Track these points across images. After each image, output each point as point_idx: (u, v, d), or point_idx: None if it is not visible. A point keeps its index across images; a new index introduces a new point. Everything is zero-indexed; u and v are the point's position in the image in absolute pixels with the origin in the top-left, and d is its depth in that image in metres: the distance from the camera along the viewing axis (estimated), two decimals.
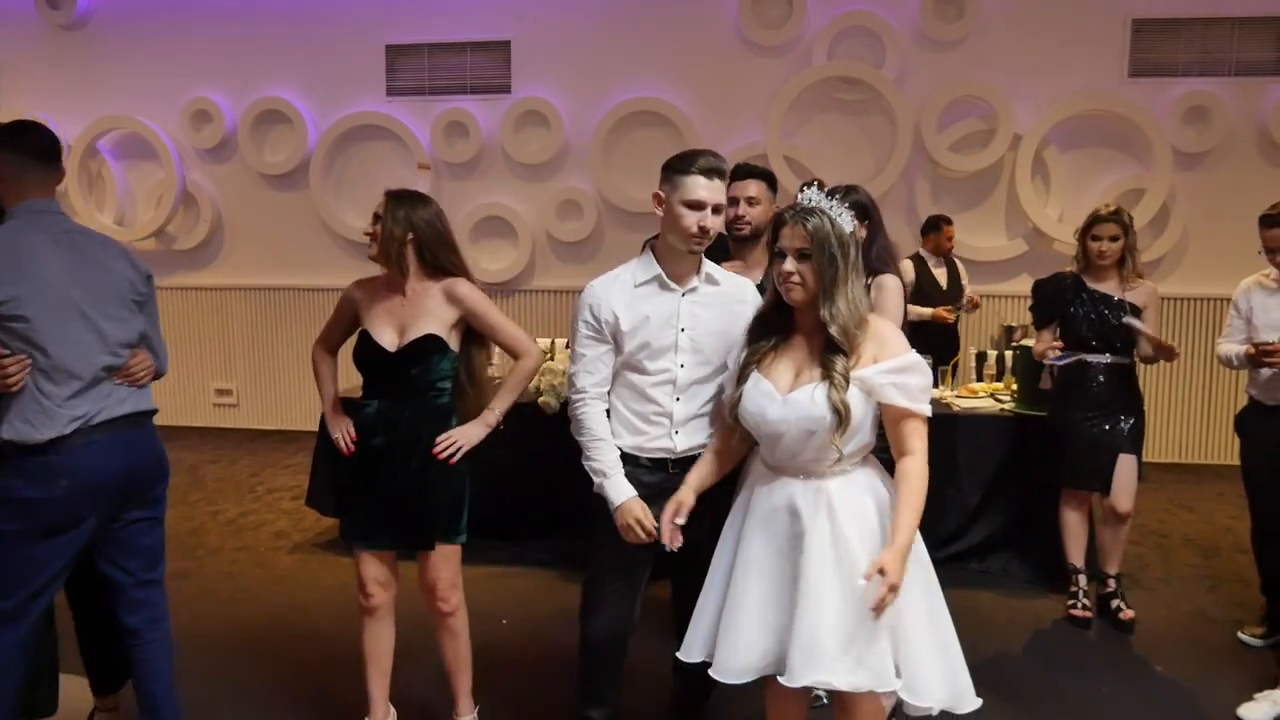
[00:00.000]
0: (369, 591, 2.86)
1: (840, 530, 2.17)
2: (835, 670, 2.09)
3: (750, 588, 2.25)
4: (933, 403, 4.78)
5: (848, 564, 2.14)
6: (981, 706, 3.23)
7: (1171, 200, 6.34)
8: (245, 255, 7.47)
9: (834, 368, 2.16)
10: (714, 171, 2.46)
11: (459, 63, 7.04)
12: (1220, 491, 5.55)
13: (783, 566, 2.22)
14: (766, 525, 2.26)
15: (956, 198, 6.62)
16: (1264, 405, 3.59)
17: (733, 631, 2.24)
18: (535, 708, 3.24)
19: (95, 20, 7.37)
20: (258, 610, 4.10)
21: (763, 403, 2.22)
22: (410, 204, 2.79)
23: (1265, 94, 6.21)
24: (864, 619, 2.09)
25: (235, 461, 6.55)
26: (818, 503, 2.20)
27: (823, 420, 2.15)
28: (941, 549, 4.49)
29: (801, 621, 2.12)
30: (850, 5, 6.50)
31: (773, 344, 2.29)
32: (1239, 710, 3.25)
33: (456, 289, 2.78)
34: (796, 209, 2.21)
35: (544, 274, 7.15)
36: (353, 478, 2.85)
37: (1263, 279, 3.65)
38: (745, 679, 2.23)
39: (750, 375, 2.27)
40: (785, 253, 2.20)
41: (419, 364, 2.75)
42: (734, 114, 6.70)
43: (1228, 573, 4.48)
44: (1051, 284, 4.00)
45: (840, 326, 2.17)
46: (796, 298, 2.22)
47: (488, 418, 2.84)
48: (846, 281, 2.19)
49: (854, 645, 2.10)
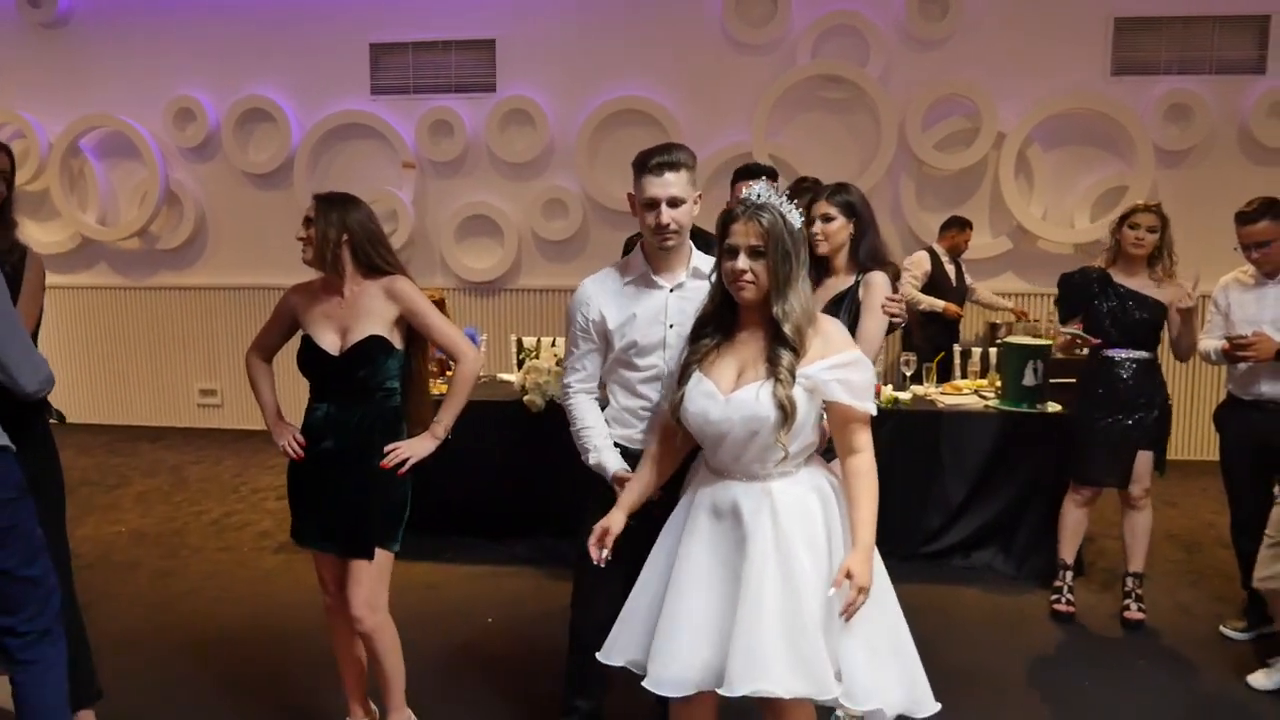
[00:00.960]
0: (330, 590, 2.85)
1: (784, 533, 2.13)
2: (775, 678, 2.03)
3: (691, 596, 2.17)
4: (917, 399, 4.83)
5: (791, 568, 2.10)
6: (964, 701, 3.25)
7: (1154, 197, 6.31)
8: (229, 255, 7.43)
9: (780, 364, 2.12)
10: (661, 167, 2.44)
11: (444, 61, 7.02)
12: (1203, 487, 5.58)
13: (725, 573, 2.16)
14: (709, 530, 2.21)
15: (941, 196, 6.65)
16: (1241, 400, 3.62)
17: (671, 641, 2.15)
18: (520, 705, 3.23)
19: (77, 18, 7.32)
20: (242, 610, 4.08)
21: (704, 404, 2.17)
22: (342, 206, 2.74)
23: (1245, 92, 6.26)
24: (798, 626, 2.06)
25: (219, 462, 6.52)
26: (761, 505, 2.15)
27: (767, 420, 2.10)
28: (925, 545, 4.53)
29: (741, 628, 2.07)
30: (835, 4, 6.51)
31: (716, 343, 2.24)
32: (1248, 678, 3.32)
33: (396, 285, 2.75)
34: (748, 205, 2.15)
35: (529, 273, 7.14)
36: (301, 481, 2.82)
37: (1240, 275, 3.68)
38: (683, 692, 2.15)
39: (692, 375, 2.22)
40: (737, 250, 2.14)
41: (365, 366, 2.71)
42: (719, 113, 6.71)
43: (1209, 567, 4.51)
44: (1078, 277, 3.97)
45: (794, 324, 2.13)
46: (749, 296, 2.16)
47: (436, 430, 2.79)
48: (799, 279, 2.16)
49: (794, 652, 2.05)
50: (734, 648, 2.07)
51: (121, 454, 6.68)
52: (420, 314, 2.76)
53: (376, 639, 2.77)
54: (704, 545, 2.20)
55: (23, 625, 2.34)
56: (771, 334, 2.16)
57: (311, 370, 2.79)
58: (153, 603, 4.12)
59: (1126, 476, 3.88)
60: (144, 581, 4.36)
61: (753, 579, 2.09)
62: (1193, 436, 6.47)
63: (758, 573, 2.10)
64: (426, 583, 4.31)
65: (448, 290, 6.77)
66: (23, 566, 2.32)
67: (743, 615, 2.08)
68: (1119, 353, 3.84)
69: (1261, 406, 3.55)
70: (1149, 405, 3.84)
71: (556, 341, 5.37)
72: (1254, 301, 3.58)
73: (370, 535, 2.73)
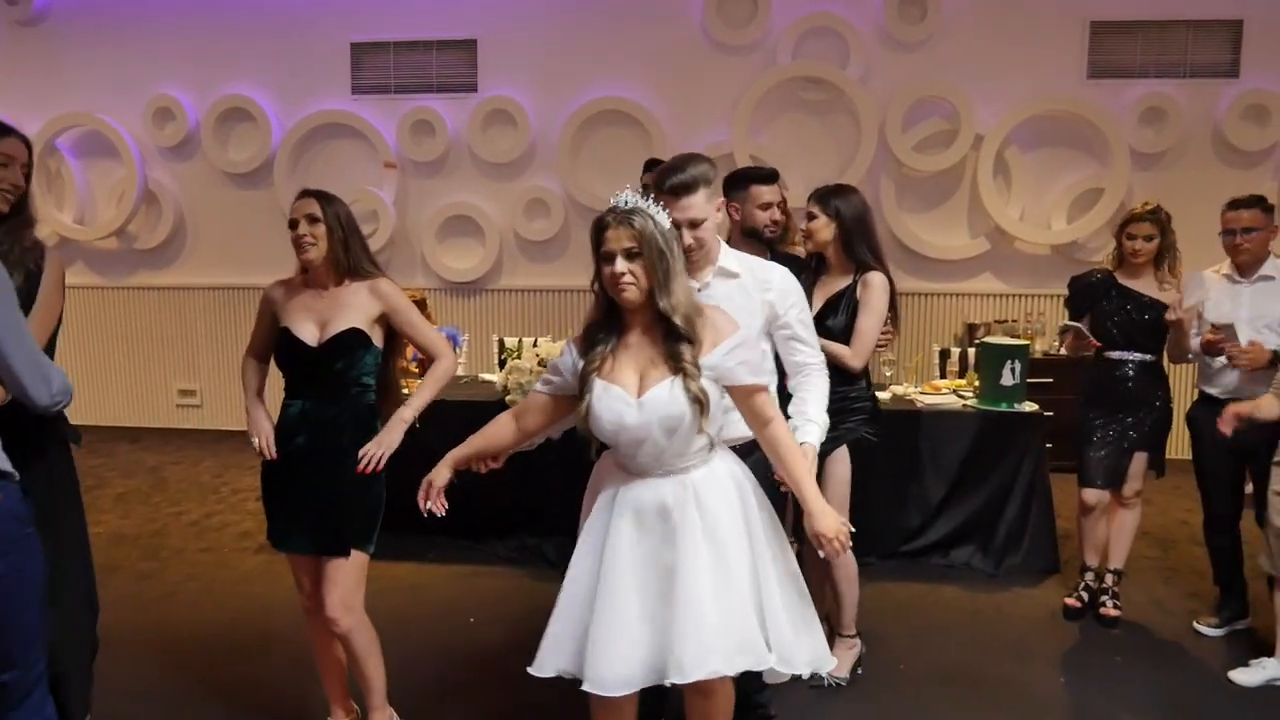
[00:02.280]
0: (307, 591, 2.84)
1: (711, 521, 2.22)
2: (723, 659, 2.15)
3: (624, 597, 2.20)
4: (897, 398, 4.87)
5: (720, 554, 2.21)
6: (941, 699, 3.29)
7: (1130, 199, 6.43)
8: (208, 255, 7.39)
9: (683, 359, 2.18)
10: (677, 190, 2.50)
11: (425, 61, 7.01)
12: (1177, 485, 5.63)
13: (655, 571, 2.22)
14: (634, 530, 2.24)
15: (920, 197, 6.70)
16: (1216, 398, 3.67)
17: (608, 643, 2.19)
18: (504, 705, 3.24)
19: (54, 16, 7.25)
20: (222, 612, 4.07)
21: (618, 409, 2.20)
22: (333, 200, 2.77)
23: (1219, 95, 6.34)
24: (733, 610, 2.18)
25: (199, 463, 6.48)
26: (685, 498, 2.23)
27: (684, 416, 2.17)
28: (904, 544, 4.57)
29: (684, 618, 2.15)
30: (814, 6, 6.55)
31: (610, 348, 2.27)
32: (1231, 674, 3.38)
33: (380, 285, 2.77)
34: (616, 212, 2.21)
35: (511, 273, 7.14)
36: (274, 480, 2.80)
37: (1213, 274, 3.74)
38: (625, 691, 2.19)
39: (594, 384, 2.24)
40: (614, 255, 2.18)
41: (342, 358, 2.71)
42: (700, 113, 6.73)
43: (1183, 564, 4.57)
44: (1085, 279, 4.01)
45: (683, 315, 2.19)
46: (631, 297, 2.20)
47: (404, 414, 2.77)
48: (679, 273, 2.22)
49: (733, 632, 2.17)
50: (680, 638, 2.14)
51: (100, 455, 6.63)
52: (403, 311, 2.78)
53: (353, 639, 2.76)
54: (631, 546, 2.24)
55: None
56: (663, 331, 2.22)
57: (287, 363, 2.78)
58: (133, 604, 4.10)
59: (1121, 478, 3.91)
60: (124, 583, 4.33)
61: (686, 571, 2.18)
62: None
63: (690, 563, 2.18)
64: (409, 583, 4.31)
65: (429, 290, 6.76)
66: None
67: (683, 607, 2.16)
68: (1122, 354, 3.87)
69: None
70: (1149, 407, 3.87)
71: (538, 341, 5.38)
72: (1229, 299, 3.63)
73: (346, 533, 2.72)
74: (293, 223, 2.73)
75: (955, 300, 6.68)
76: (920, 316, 6.69)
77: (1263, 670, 3.36)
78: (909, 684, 3.37)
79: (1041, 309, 6.54)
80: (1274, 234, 3.63)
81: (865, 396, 3.33)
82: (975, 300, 6.68)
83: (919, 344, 6.45)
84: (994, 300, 6.66)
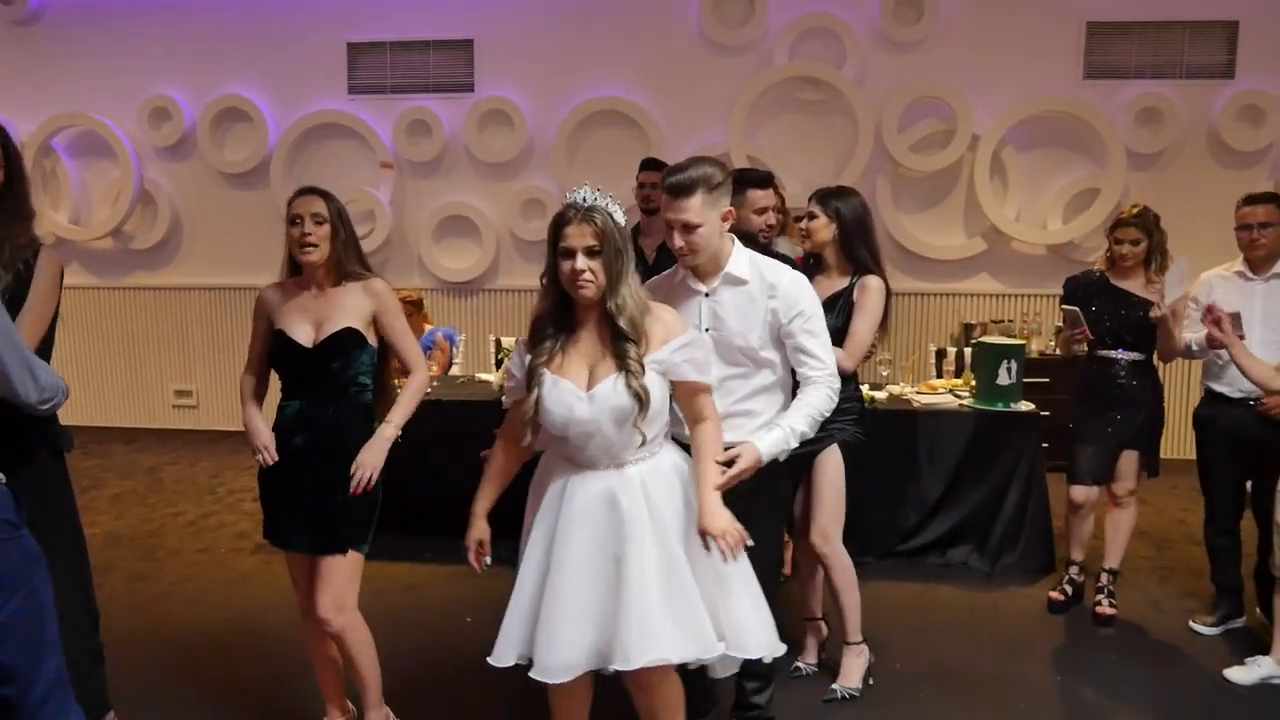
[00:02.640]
0: (303, 590, 2.83)
1: (658, 512, 2.29)
2: (668, 646, 2.20)
3: (570, 585, 2.26)
4: (893, 398, 4.87)
5: (667, 544, 2.27)
6: (938, 697, 3.30)
7: (1125, 200, 6.45)
8: (204, 255, 7.38)
9: (628, 355, 2.24)
10: (674, 190, 2.47)
11: (421, 61, 7.01)
12: (1173, 485, 5.65)
13: (603, 560, 2.27)
14: (584, 521, 2.29)
15: (916, 197, 6.71)
16: (1226, 396, 3.67)
17: (553, 629, 2.25)
18: (501, 705, 3.24)
19: (49, 16, 7.24)
20: (219, 612, 4.06)
21: (569, 402, 2.26)
22: (335, 199, 2.76)
23: (1215, 96, 6.35)
24: (678, 598, 2.24)
25: (195, 463, 6.47)
26: (633, 490, 2.29)
27: (630, 410, 2.24)
28: (901, 543, 4.58)
29: (630, 606, 2.21)
30: (811, 6, 6.56)
31: (560, 344, 2.32)
32: (1226, 672, 3.39)
33: (375, 284, 2.77)
34: (579, 209, 2.25)
35: (507, 273, 7.14)
36: (272, 479, 2.79)
37: (1222, 271, 3.76)
38: (568, 676, 2.25)
39: (544, 378, 2.29)
40: (574, 251, 2.23)
41: (338, 358, 2.70)
42: (696, 114, 6.73)
43: (1179, 563, 4.58)
44: (1080, 279, 4.06)
45: (628, 317, 2.25)
46: (590, 294, 2.25)
47: (386, 431, 2.75)
48: (629, 273, 2.28)
49: (679, 621, 2.22)
50: (625, 625, 2.20)
51: (95, 456, 6.62)
52: (393, 315, 2.79)
53: (347, 639, 2.75)
54: (580, 536, 2.29)
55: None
56: (611, 329, 2.28)
57: (284, 364, 2.77)
58: (129, 605, 4.09)
59: (1109, 475, 3.94)
60: (120, 584, 4.32)
61: (634, 560, 2.24)
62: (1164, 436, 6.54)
63: (638, 553, 2.24)
64: (406, 583, 4.31)
65: (426, 290, 6.76)
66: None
67: (629, 594, 2.22)
68: (1114, 353, 3.90)
69: (1248, 403, 3.58)
70: (1139, 405, 3.90)
71: None
72: (1241, 298, 3.63)
73: (343, 532, 2.72)
74: (295, 219, 2.68)
75: (952, 300, 6.69)
76: (917, 316, 6.71)
77: (1258, 668, 3.37)
78: (906, 683, 3.38)
79: (1038, 309, 6.55)
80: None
81: (853, 397, 3.33)
82: (972, 300, 6.69)
83: (915, 344, 6.46)
84: (990, 300, 6.67)
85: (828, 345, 2.64)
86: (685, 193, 2.45)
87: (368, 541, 2.79)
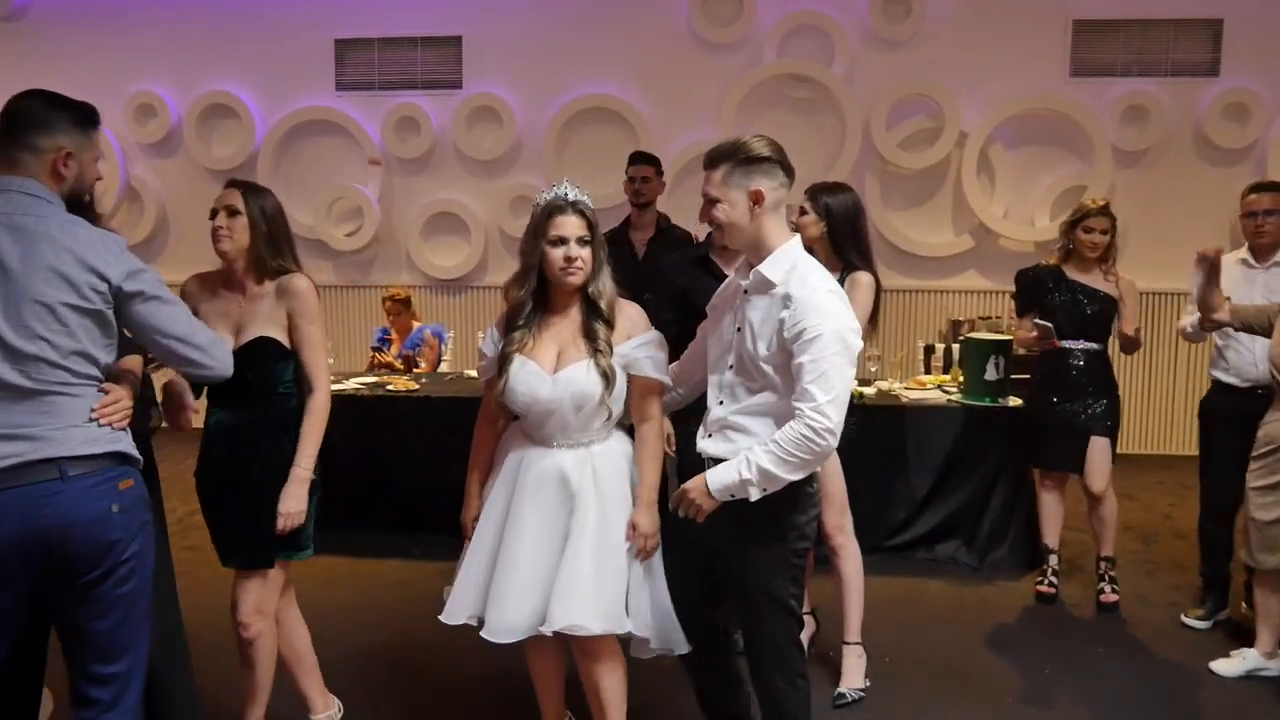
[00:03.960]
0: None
1: (605, 493, 2.44)
2: (584, 615, 2.34)
3: (520, 553, 2.42)
4: (882, 394, 4.88)
5: (608, 523, 2.42)
6: (927, 692, 3.31)
7: (1112, 197, 6.45)
8: (191, 252, 7.32)
9: (599, 336, 2.42)
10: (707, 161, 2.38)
11: (409, 58, 6.99)
12: (1160, 480, 5.70)
13: (553, 531, 2.43)
14: (537, 494, 2.45)
15: (905, 194, 6.73)
16: (1235, 387, 3.69)
17: (504, 594, 2.41)
18: (491, 700, 3.24)
19: (33, 12, 7.19)
20: (206, 611, 4.03)
21: (532, 383, 2.41)
22: (261, 193, 2.64)
23: (1201, 94, 6.39)
24: (607, 572, 2.38)
25: (182, 460, 6.39)
26: (584, 469, 2.44)
27: (594, 394, 2.39)
28: (890, 539, 4.59)
29: (562, 574, 2.38)
30: (800, 4, 6.57)
31: (531, 330, 2.48)
32: (1212, 664, 3.41)
33: (294, 282, 2.60)
34: (568, 200, 2.42)
35: (496, 270, 7.12)
36: (202, 493, 2.72)
37: (1229, 257, 3.78)
38: (515, 638, 2.41)
39: (514, 360, 2.44)
40: (567, 239, 2.40)
41: (254, 368, 2.56)
42: (686, 111, 6.74)
43: (1165, 558, 4.61)
44: (1032, 273, 4.12)
45: (607, 301, 2.45)
46: (578, 281, 2.43)
47: (298, 474, 2.59)
48: (607, 263, 2.48)
49: (601, 594, 2.37)
50: (555, 592, 2.37)
51: None
52: (305, 318, 2.59)
53: (258, 646, 2.66)
54: (532, 507, 2.44)
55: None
56: (585, 312, 2.45)
57: None
58: None
59: (1081, 462, 3.97)
60: None
61: (574, 533, 2.40)
62: (1147, 430, 6.57)
63: (579, 527, 2.40)
64: (395, 579, 4.30)
65: (414, 288, 6.74)
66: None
67: (564, 564, 2.38)
68: (1071, 344, 3.95)
69: (1256, 392, 3.55)
70: (1098, 393, 3.97)
71: None
72: (1244, 284, 3.67)
73: (269, 545, 2.60)
74: (212, 212, 2.61)
75: (940, 297, 6.72)
76: (905, 313, 6.73)
77: (1243, 661, 3.39)
78: (895, 677, 3.39)
79: None
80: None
81: None
82: (960, 297, 6.72)
83: (904, 340, 6.47)
84: (978, 297, 6.69)
85: (829, 380, 2.19)
86: (710, 164, 2.35)
87: (305, 545, 2.68)
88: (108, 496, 1.99)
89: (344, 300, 7.17)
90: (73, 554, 1.94)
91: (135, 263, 2.11)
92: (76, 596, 1.97)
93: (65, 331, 1.98)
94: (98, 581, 1.97)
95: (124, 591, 2.02)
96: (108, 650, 2.02)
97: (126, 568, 2.01)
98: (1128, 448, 6.63)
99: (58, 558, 1.93)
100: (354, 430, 4.68)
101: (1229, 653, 3.47)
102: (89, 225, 2.12)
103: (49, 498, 1.92)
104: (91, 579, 1.96)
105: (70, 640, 2.03)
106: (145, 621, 2.12)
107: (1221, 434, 3.75)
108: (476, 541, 2.53)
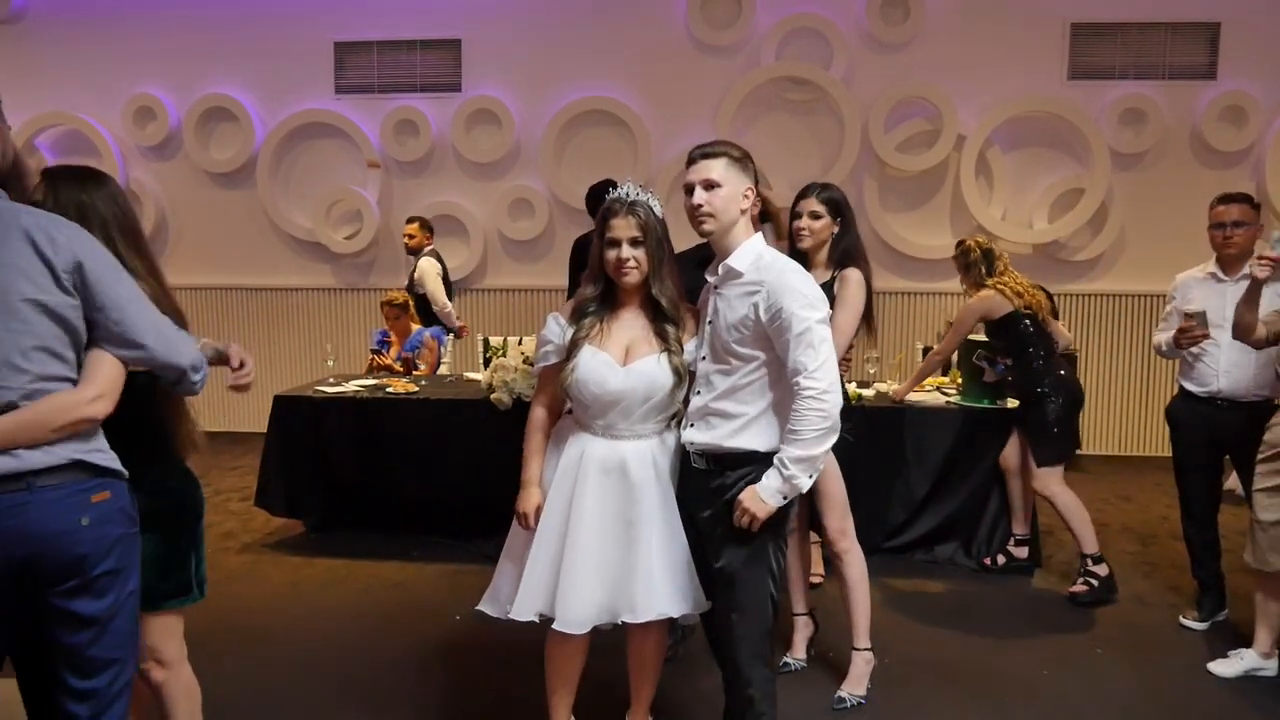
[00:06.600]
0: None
1: (665, 484, 2.51)
2: (670, 603, 2.44)
3: (587, 545, 2.46)
4: (880, 395, 4.89)
5: (671, 512, 2.48)
6: (926, 692, 3.31)
7: (1110, 199, 6.51)
8: (190, 255, 7.34)
9: (670, 337, 2.49)
10: (698, 157, 2.44)
11: (408, 60, 7.00)
12: (1157, 482, 5.70)
13: (616, 523, 2.48)
14: (599, 486, 2.49)
15: (903, 197, 6.74)
16: (1195, 395, 3.71)
17: (574, 586, 2.45)
18: (488, 703, 3.24)
19: (32, 14, 7.21)
20: (204, 612, 4.02)
21: (603, 373, 2.46)
22: (80, 184, 2.23)
23: (1198, 96, 6.41)
24: (680, 556, 2.47)
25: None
26: (646, 460, 2.50)
27: (665, 386, 2.46)
28: (889, 540, 4.60)
29: (640, 566, 2.44)
30: (798, 7, 6.59)
31: (601, 320, 2.53)
32: (1209, 665, 3.42)
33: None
34: (624, 202, 2.46)
35: (495, 273, 7.14)
36: None
37: (1196, 273, 3.78)
38: (585, 629, 2.47)
39: (583, 349, 2.49)
40: (620, 241, 2.45)
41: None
42: (684, 114, 6.75)
43: (1163, 559, 4.62)
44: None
45: (670, 300, 2.50)
46: (633, 280, 2.47)
47: None
48: (669, 262, 2.51)
49: (676, 580, 2.47)
50: (636, 583, 2.44)
51: None
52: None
53: (166, 691, 2.48)
54: (596, 500, 2.48)
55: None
56: (652, 312, 2.52)
57: None
58: None
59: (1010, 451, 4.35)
60: None
61: (643, 525, 2.46)
62: (1147, 433, 6.60)
63: (648, 519, 2.46)
64: (394, 581, 4.30)
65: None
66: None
67: (638, 556, 2.45)
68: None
69: (1214, 402, 3.65)
70: (1026, 401, 4.24)
71: (524, 340, 5.39)
72: (1214, 299, 3.65)
73: (154, 591, 2.31)
74: None
75: (938, 299, 6.73)
76: (903, 315, 6.75)
77: (1241, 661, 3.40)
78: (894, 678, 3.39)
79: None
80: (1259, 231, 3.68)
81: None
82: (958, 299, 6.70)
83: (902, 342, 6.49)
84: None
85: (814, 347, 2.30)
86: (711, 154, 2.43)
87: (190, 589, 2.50)
88: (78, 509, 1.90)
89: (343, 303, 7.18)
90: (42, 567, 1.87)
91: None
92: (49, 610, 1.91)
93: (24, 329, 1.87)
94: (69, 595, 1.90)
95: (100, 606, 1.93)
96: (86, 665, 1.95)
97: (102, 583, 1.93)
98: (1127, 449, 6.66)
99: (28, 571, 1.87)
100: (353, 432, 4.70)
101: (1226, 653, 3.47)
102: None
103: (16, 509, 1.84)
104: (62, 592, 1.90)
105: (49, 652, 1.96)
106: (130, 638, 2.03)
107: (1188, 439, 3.77)
108: (541, 536, 2.53)
